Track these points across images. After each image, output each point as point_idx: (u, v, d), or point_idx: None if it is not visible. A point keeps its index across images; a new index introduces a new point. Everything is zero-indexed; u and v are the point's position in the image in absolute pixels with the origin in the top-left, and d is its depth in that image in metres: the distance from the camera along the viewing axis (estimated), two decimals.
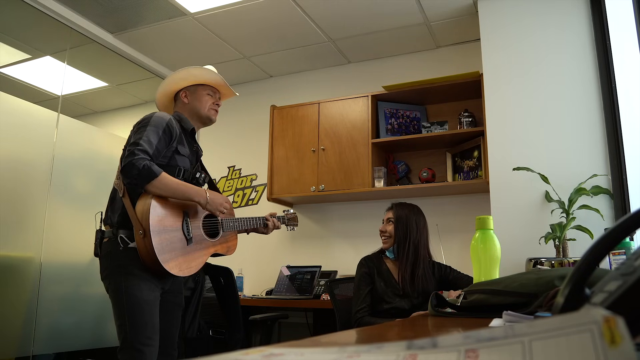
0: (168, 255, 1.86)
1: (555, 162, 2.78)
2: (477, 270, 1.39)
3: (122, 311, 1.84)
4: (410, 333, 0.87)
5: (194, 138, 2.19)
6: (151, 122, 1.97)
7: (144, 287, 1.87)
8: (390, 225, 2.35)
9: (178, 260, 1.90)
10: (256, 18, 3.46)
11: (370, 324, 2.14)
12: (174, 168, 2.00)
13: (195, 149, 2.18)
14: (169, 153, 2.00)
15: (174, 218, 1.94)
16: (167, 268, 1.84)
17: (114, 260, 1.90)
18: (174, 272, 1.87)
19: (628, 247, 2.07)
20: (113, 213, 1.96)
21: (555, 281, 0.91)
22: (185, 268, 1.93)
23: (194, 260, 1.98)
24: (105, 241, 1.95)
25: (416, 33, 3.64)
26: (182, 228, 1.95)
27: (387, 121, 3.63)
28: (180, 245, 1.92)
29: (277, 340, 3.69)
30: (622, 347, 0.23)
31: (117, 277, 1.88)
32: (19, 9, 3.21)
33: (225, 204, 2.06)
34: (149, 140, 1.90)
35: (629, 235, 0.43)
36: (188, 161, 2.09)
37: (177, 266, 1.89)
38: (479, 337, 0.27)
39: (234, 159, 4.42)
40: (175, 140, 2.01)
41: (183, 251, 1.93)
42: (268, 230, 2.42)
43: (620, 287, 0.35)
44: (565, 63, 2.88)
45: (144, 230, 1.83)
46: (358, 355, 0.28)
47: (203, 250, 2.03)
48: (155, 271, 1.87)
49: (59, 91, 3.67)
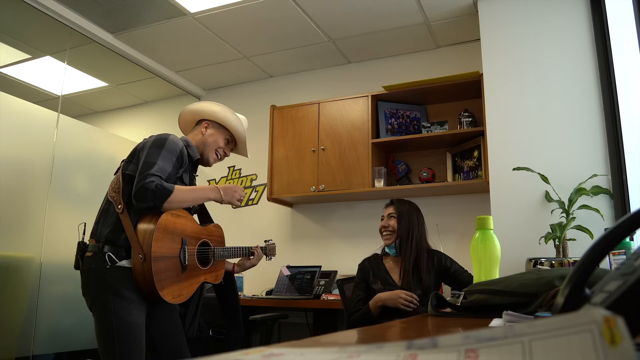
0: (165, 282, 1.83)
1: (555, 162, 2.78)
2: (477, 270, 1.39)
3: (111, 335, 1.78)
4: (410, 333, 0.87)
5: (195, 168, 2.19)
6: (166, 147, 1.93)
7: (133, 310, 1.81)
8: (392, 220, 2.34)
9: (172, 287, 1.88)
10: (256, 18, 3.46)
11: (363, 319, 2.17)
12: None
13: (193, 179, 2.17)
14: (173, 177, 1.97)
15: (174, 244, 1.91)
16: (162, 295, 1.81)
17: (100, 278, 1.83)
18: (167, 299, 1.84)
19: (628, 247, 2.07)
20: (104, 227, 1.88)
21: (555, 281, 0.91)
22: (177, 295, 1.90)
23: (187, 288, 1.96)
24: (89, 255, 1.87)
25: (416, 33, 3.64)
26: (179, 255, 1.93)
27: (387, 121, 3.63)
28: (175, 273, 1.90)
29: (277, 340, 3.69)
30: (622, 347, 0.23)
31: (105, 296, 1.81)
32: (19, 9, 3.21)
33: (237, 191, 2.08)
34: (163, 166, 1.88)
35: (629, 235, 0.43)
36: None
37: (170, 293, 1.86)
38: (479, 337, 0.27)
39: (234, 159, 4.41)
40: (181, 166, 2.00)
41: (177, 279, 1.90)
42: (254, 260, 2.39)
43: (620, 287, 0.35)
44: (566, 63, 2.88)
45: (144, 255, 1.79)
46: (358, 355, 0.28)
47: (195, 279, 2.00)
48: (147, 295, 1.83)
49: (59, 91, 3.68)
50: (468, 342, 0.27)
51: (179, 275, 1.92)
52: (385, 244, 2.37)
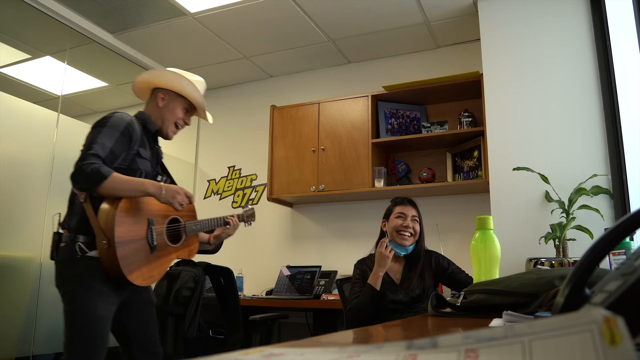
0: (132, 266, 1.80)
1: (555, 162, 2.78)
2: (477, 270, 1.39)
3: (71, 326, 1.76)
4: (410, 333, 0.87)
5: (156, 140, 2.12)
6: (109, 124, 1.87)
7: (100, 302, 1.78)
8: (416, 224, 2.30)
9: (142, 270, 1.85)
10: (256, 18, 3.46)
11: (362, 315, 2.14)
12: (135, 172, 1.92)
13: (156, 151, 2.10)
14: (129, 156, 1.91)
15: (139, 226, 1.87)
16: (130, 279, 1.79)
17: (70, 268, 1.81)
18: (137, 283, 1.82)
19: (628, 247, 2.07)
20: (71, 217, 1.87)
21: (555, 281, 0.91)
22: (149, 277, 1.88)
23: (157, 268, 1.93)
24: (62, 246, 1.85)
25: (416, 33, 3.64)
26: (146, 236, 1.89)
27: (387, 121, 3.63)
28: (144, 255, 1.87)
29: (277, 340, 3.69)
30: (622, 347, 0.23)
31: (73, 287, 1.79)
32: (19, 9, 3.21)
33: (180, 194, 1.93)
34: (103, 143, 1.81)
35: (629, 235, 0.43)
36: (149, 164, 2.02)
37: (140, 276, 1.84)
38: (479, 337, 0.27)
39: (234, 159, 4.42)
40: (135, 142, 1.92)
41: (147, 260, 1.88)
42: (230, 230, 2.29)
43: (620, 287, 0.35)
44: (565, 63, 2.88)
45: (108, 241, 1.75)
46: (358, 355, 0.28)
47: (166, 257, 1.97)
48: (117, 281, 1.81)
49: (59, 91, 3.67)
50: (468, 342, 0.27)
51: (148, 257, 1.88)
52: (402, 243, 2.25)
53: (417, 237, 2.29)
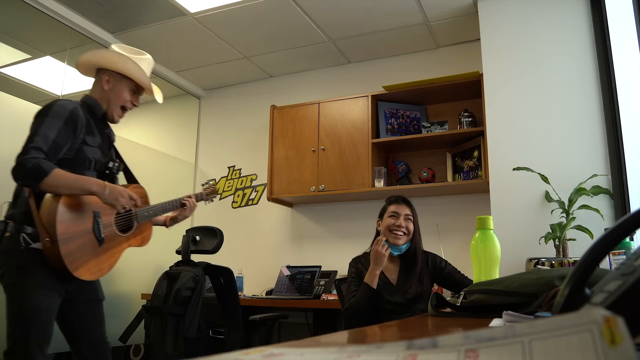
0: (79, 261, 1.76)
1: (555, 162, 2.78)
2: (477, 270, 1.39)
3: (11, 318, 1.72)
4: (410, 333, 0.87)
5: (105, 123, 2.03)
6: (51, 113, 1.79)
7: (41, 294, 1.74)
8: (409, 223, 2.26)
9: (89, 264, 1.80)
10: (256, 18, 3.46)
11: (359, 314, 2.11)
12: (84, 161, 1.86)
13: (107, 135, 2.02)
14: (76, 145, 1.84)
15: (84, 221, 1.82)
16: (77, 275, 1.75)
17: (13, 259, 1.77)
18: (85, 278, 1.79)
19: (628, 247, 2.07)
20: (15, 209, 1.81)
21: (555, 281, 0.91)
22: (97, 271, 1.84)
23: (106, 260, 1.89)
24: (7, 236, 1.79)
25: (416, 33, 3.64)
26: (93, 230, 1.83)
27: (387, 121, 3.63)
28: (91, 249, 1.82)
29: (277, 340, 3.69)
30: (622, 347, 0.23)
31: (14, 279, 1.75)
32: (19, 9, 3.21)
33: (125, 197, 1.86)
34: (45, 134, 1.73)
35: (629, 235, 0.43)
36: (99, 151, 1.94)
37: (88, 271, 1.80)
38: (479, 337, 0.27)
39: (234, 159, 4.42)
40: (81, 130, 1.84)
41: (94, 254, 1.83)
42: (187, 212, 2.24)
43: (620, 287, 0.35)
44: (566, 63, 2.88)
45: (50, 238, 1.70)
46: (358, 355, 0.28)
47: (116, 248, 1.93)
48: (64, 275, 1.76)
49: (59, 91, 3.68)
50: (468, 342, 0.27)
51: (96, 251, 1.84)
52: (395, 242, 2.21)
53: (411, 236, 2.25)
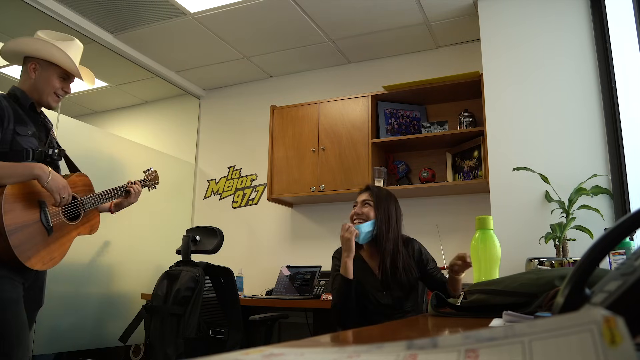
0: (29, 252, 1.76)
1: (555, 162, 2.78)
2: (477, 270, 1.39)
3: None
4: (410, 333, 0.87)
5: (37, 112, 1.98)
6: None
7: (5, 285, 1.74)
8: (367, 208, 2.15)
9: (40, 254, 1.80)
10: (256, 18, 3.46)
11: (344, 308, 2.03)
12: (20, 152, 1.82)
13: (42, 123, 1.98)
14: (8, 137, 1.80)
15: (30, 210, 1.81)
16: (29, 265, 1.75)
17: None
18: (38, 268, 1.79)
19: (628, 247, 2.07)
20: None
21: (555, 281, 0.91)
22: (49, 260, 1.85)
23: (57, 250, 1.89)
24: None
25: (416, 33, 3.64)
26: (40, 219, 1.82)
27: (387, 121, 3.63)
28: (40, 239, 1.82)
29: (277, 340, 3.69)
30: (622, 347, 0.23)
31: None
32: (19, 9, 3.21)
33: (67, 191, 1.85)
34: None
35: (629, 235, 0.43)
36: (35, 140, 1.90)
37: (40, 261, 1.80)
38: (479, 337, 0.27)
39: (234, 159, 4.42)
40: (8, 121, 1.81)
41: (44, 244, 1.83)
42: (132, 198, 2.23)
43: (620, 287, 0.35)
44: (566, 63, 2.88)
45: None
46: (358, 355, 0.28)
47: (65, 237, 1.93)
48: (16, 268, 1.76)
49: None
50: (468, 342, 0.27)
51: (45, 240, 1.84)
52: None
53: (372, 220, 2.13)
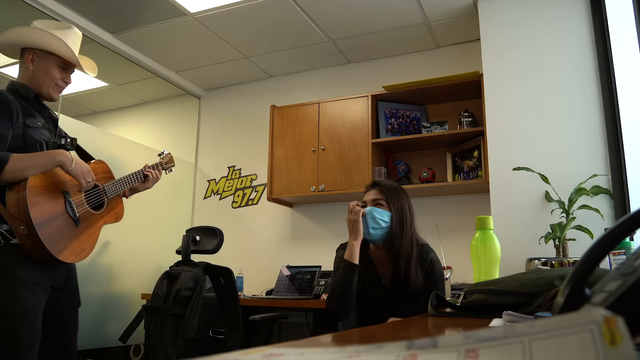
0: (60, 245, 1.71)
1: (555, 162, 2.78)
2: (477, 270, 1.40)
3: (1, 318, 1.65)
4: (410, 333, 0.87)
5: (41, 103, 1.94)
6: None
7: (26, 292, 1.68)
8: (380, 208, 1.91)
9: (71, 246, 1.76)
10: (256, 18, 3.46)
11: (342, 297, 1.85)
12: (34, 145, 1.78)
13: (48, 115, 1.94)
14: (19, 131, 1.76)
15: (55, 202, 1.76)
16: (62, 258, 1.71)
17: None
18: (70, 260, 1.76)
19: (628, 247, 2.07)
20: None
21: (555, 281, 0.91)
22: (80, 252, 1.80)
23: (86, 240, 1.85)
24: None
25: (416, 33, 3.64)
26: (66, 210, 1.78)
27: (387, 121, 3.63)
28: (69, 230, 1.78)
29: (277, 340, 3.69)
30: (622, 347, 0.23)
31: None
32: (19, 9, 3.21)
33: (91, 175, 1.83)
34: None
35: (629, 235, 0.43)
36: (46, 131, 1.87)
37: (72, 253, 1.76)
38: (479, 337, 0.27)
39: (234, 159, 4.42)
40: (18, 115, 1.77)
41: (73, 235, 1.79)
42: (149, 183, 2.19)
43: (620, 287, 0.35)
44: (566, 63, 2.88)
45: (26, 226, 1.64)
46: (358, 355, 0.28)
47: (93, 227, 1.89)
48: (47, 262, 1.71)
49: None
50: (468, 342, 0.27)
51: (74, 232, 1.80)
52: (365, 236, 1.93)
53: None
